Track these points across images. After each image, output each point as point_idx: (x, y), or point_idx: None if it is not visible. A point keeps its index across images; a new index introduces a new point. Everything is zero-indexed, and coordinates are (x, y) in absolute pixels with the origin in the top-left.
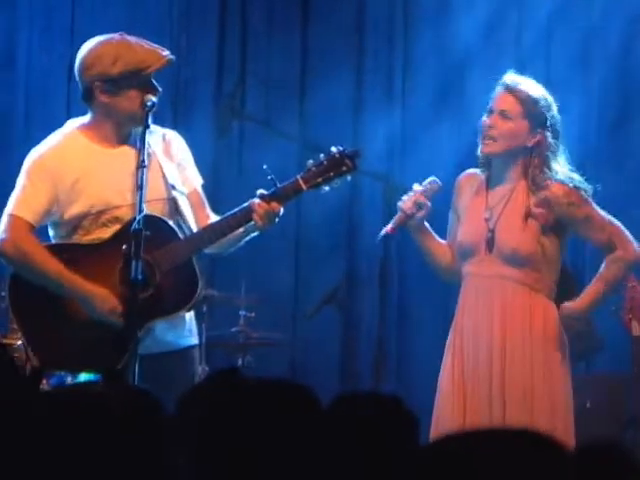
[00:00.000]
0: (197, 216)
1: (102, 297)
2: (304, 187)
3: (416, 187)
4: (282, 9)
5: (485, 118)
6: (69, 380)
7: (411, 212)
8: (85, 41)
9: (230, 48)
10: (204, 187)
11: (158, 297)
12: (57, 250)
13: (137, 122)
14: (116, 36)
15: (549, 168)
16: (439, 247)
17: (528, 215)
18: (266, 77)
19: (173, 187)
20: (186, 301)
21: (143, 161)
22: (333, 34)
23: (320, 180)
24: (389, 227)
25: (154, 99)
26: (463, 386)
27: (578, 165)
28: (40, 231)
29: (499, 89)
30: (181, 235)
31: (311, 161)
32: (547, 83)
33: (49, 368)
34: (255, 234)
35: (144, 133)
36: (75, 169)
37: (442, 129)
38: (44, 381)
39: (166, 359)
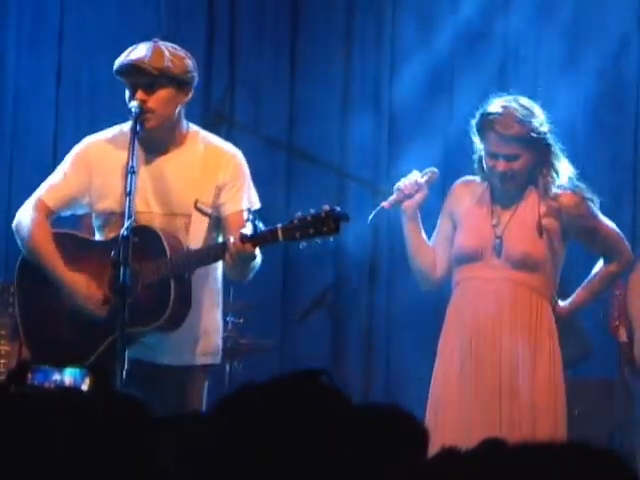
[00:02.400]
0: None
1: (81, 284)
2: (280, 238)
3: (416, 172)
4: (271, 17)
5: (491, 161)
6: (55, 376)
7: (409, 192)
8: (74, 47)
9: (219, 55)
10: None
11: (133, 307)
12: (63, 239)
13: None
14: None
15: (556, 173)
16: (425, 244)
17: (540, 223)
18: (255, 84)
19: (196, 207)
20: (154, 319)
21: (132, 167)
22: (321, 42)
23: (298, 235)
24: (386, 203)
25: (142, 106)
26: (466, 389)
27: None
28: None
29: (489, 132)
30: (169, 254)
31: (299, 213)
32: (534, 86)
33: (34, 363)
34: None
35: (132, 138)
36: (113, 165)
37: (429, 135)
38: (29, 376)
39: (155, 370)
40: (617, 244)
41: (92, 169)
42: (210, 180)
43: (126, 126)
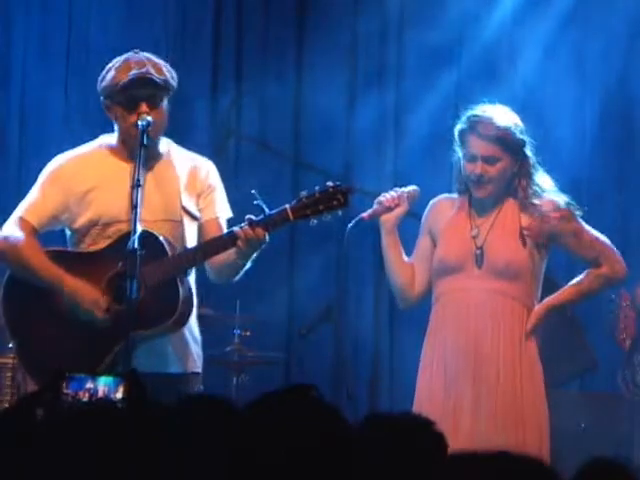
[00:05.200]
0: None
1: (86, 291)
2: (291, 217)
3: (397, 189)
4: (277, 29)
5: (469, 165)
6: (89, 384)
7: (389, 205)
8: (80, 62)
9: (225, 68)
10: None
11: (139, 311)
12: (51, 255)
13: (135, 141)
14: (128, 54)
15: (535, 184)
16: (402, 259)
17: (522, 233)
18: (261, 97)
19: (186, 211)
20: (163, 319)
21: (138, 180)
22: (327, 54)
23: (309, 212)
24: (365, 214)
25: (149, 118)
26: (448, 404)
27: (575, 183)
28: (56, 237)
29: (471, 134)
30: (170, 253)
31: (304, 192)
32: (544, 102)
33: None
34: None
35: (140, 152)
36: (89, 180)
37: (436, 150)
38: (63, 385)
39: (163, 379)
40: (606, 252)
41: (68, 186)
42: (191, 187)
43: (101, 141)
